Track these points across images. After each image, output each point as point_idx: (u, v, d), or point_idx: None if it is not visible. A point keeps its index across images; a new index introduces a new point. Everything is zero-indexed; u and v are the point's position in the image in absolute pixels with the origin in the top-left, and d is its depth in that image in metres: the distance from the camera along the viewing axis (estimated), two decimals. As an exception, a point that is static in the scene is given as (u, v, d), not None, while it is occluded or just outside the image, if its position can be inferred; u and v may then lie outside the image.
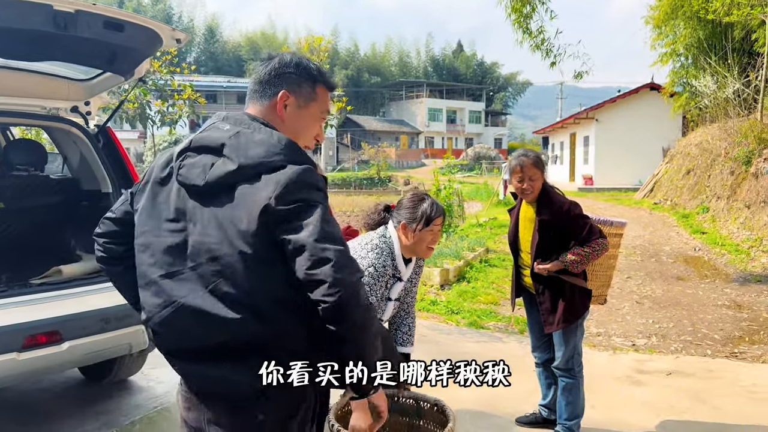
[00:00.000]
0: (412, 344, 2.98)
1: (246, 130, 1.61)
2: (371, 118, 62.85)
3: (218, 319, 1.55)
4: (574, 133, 28.82)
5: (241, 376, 1.58)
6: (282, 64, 1.70)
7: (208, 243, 1.57)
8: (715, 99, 15.75)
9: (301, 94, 1.70)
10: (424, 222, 2.64)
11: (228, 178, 1.55)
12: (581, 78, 10.51)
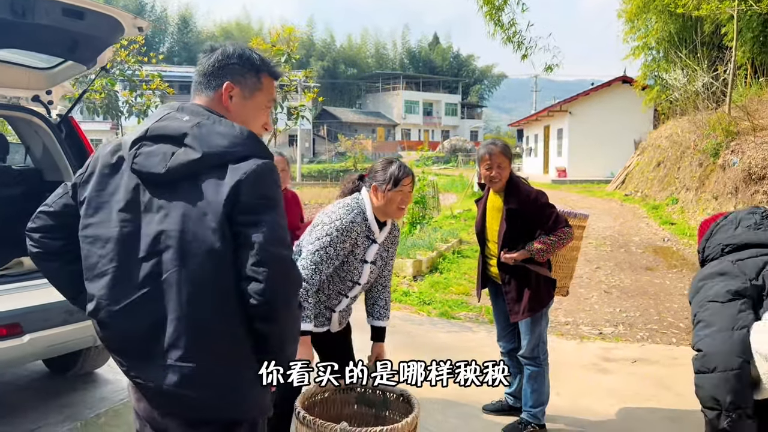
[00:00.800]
0: (388, 318, 3.03)
1: (206, 121, 1.61)
2: (348, 109, 62.65)
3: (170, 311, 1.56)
4: (548, 125, 29.07)
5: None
6: (225, 55, 1.70)
7: (167, 232, 1.55)
8: (685, 92, 15.98)
9: (246, 85, 1.71)
10: (393, 182, 2.72)
11: (191, 167, 1.54)
12: (551, 71, 10.62)
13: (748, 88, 14.45)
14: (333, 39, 68.79)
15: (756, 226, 1.81)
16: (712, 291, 1.67)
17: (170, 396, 1.58)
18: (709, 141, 12.57)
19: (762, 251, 1.73)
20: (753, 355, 1.50)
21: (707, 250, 1.88)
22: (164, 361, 1.56)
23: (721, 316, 1.59)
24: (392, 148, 55.47)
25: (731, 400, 1.50)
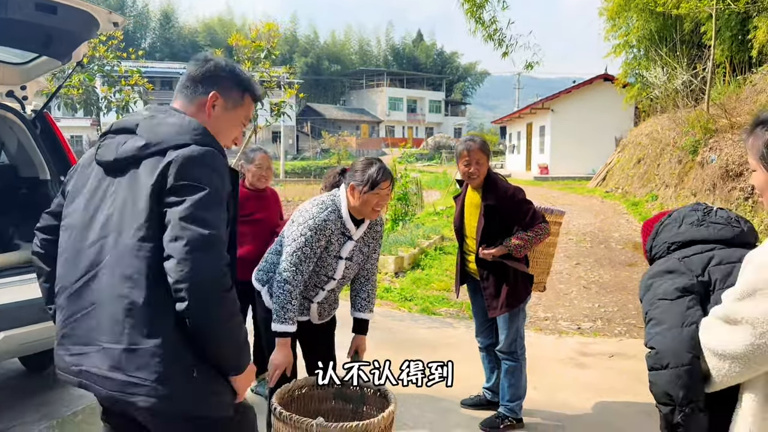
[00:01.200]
0: (371, 311, 3.04)
1: (160, 114, 1.72)
2: (331, 106, 62.54)
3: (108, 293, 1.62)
4: (531, 123, 29.23)
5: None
6: (218, 67, 1.81)
7: (110, 217, 1.64)
8: (665, 90, 16.14)
9: (230, 98, 1.81)
10: (370, 185, 2.69)
11: (135, 153, 1.63)
12: (532, 68, 10.67)
13: (727, 86, 14.63)
14: (316, 35, 68.62)
15: (699, 222, 1.84)
16: (661, 289, 1.70)
17: (106, 379, 1.62)
18: (688, 138, 12.73)
19: (706, 247, 1.76)
20: (702, 351, 1.53)
21: (654, 249, 1.91)
22: (99, 345, 1.62)
23: (670, 313, 1.62)
24: (376, 144, 55.45)
25: (684, 394, 1.53)
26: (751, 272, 1.40)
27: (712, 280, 1.68)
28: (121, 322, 1.59)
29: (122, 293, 1.59)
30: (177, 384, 1.61)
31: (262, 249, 3.36)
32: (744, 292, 1.40)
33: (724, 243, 1.79)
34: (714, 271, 1.70)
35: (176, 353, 1.61)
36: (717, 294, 1.64)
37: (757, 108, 11.01)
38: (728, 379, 1.48)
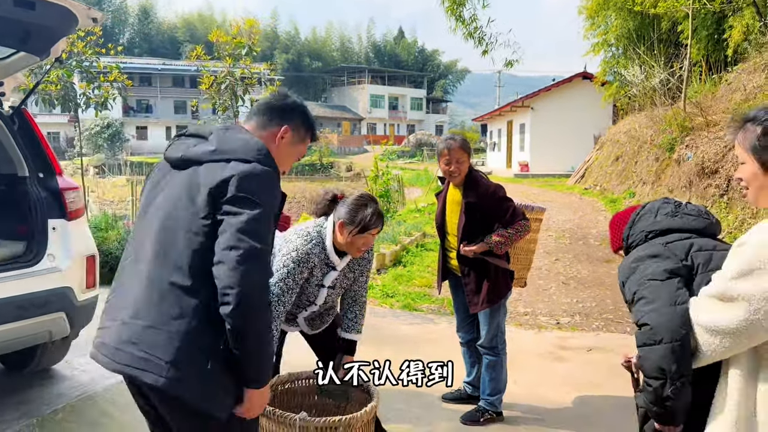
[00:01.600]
0: (359, 332, 3.00)
1: (233, 129, 1.90)
2: (313, 103, 62.28)
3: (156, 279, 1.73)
4: (511, 120, 29.43)
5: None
6: (295, 105, 2.06)
7: (163, 206, 1.80)
8: (642, 88, 16.35)
9: (298, 134, 2.04)
10: (360, 229, 2.65)
11: (203, 155, 1.79)
12: (511, 66, 10.75)
13: (703, 84, 14.86)
14: (297, 31, 68.30)
15: (672, 213, 1.96)
16: (649, 270, 1.78)
17: (118, 351, 1.71)
18: (665, 136, 12.92)
19: (684, 235, 1.88)
20: (693, 327, 1.62)
21: (631, 238, 2.01)
22: (121, 320, 1.74)
23: (662, 292, 1.71)
24: (358, 142, 55.42)
25: (676, 368, 1.61)
26: (749, 252, 1.49)
27: (695, 264, 1.79)
28: (151, 302, 1.70)
29: (161, 276, 1.70)
30: (189, 371, 1.67)
31: None
32: (741, 271, 1.49)
33: (697, 232, 1.91)
34: (696, 256, 1.81)
35: (196, 343, 1.68)
36: (700, 277, 1.75)
37: (732, 106, 11.20)
38: (717, 354, 1.56)
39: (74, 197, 3.86)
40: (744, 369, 1.53)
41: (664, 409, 1.67)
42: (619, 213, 2.24)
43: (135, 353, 1.67)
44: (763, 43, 11.02)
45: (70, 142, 39.86)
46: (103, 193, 19.79)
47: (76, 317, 3.75)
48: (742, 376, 1.53)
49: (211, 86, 6.69)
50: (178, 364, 1.65)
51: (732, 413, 1.52)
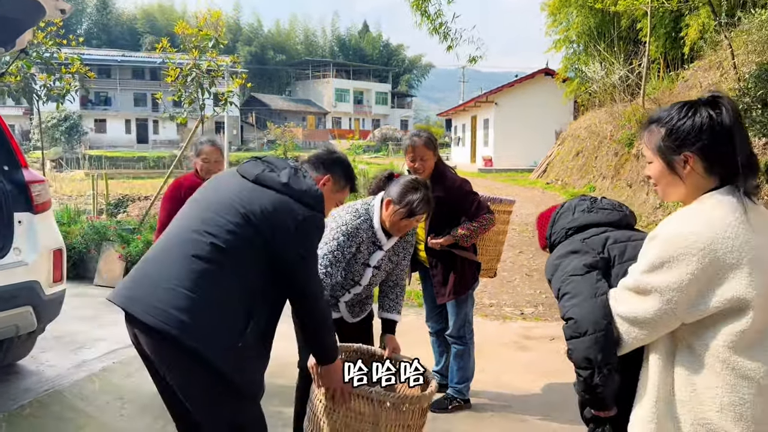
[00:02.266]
0: (399, 312, 3.06)
1: (303, 174, 2.18)
2: (277, 96, 61.77)
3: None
4: (475, 116, 29.71)
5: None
6: (339, 160, 2.47)
7: (231, 204, 2.05)
8: (603, 85, 16.70)
9: (338, 184, 2.42)
10: (407, 212, 2.72)
11: (274, 184, 2.08)
12: (475, 62, 10.86)
13: (661, 81, 15.25)
14: (260, 24, 67.55)
15: (588, 209, 2.08)
16: (570, 266, 1.89)
17: (154, 308, 1.90)
18: (625, 132, 13.24)
19: (600, 229, 2.00)
20: (614, 318, 1.72)
21: (553, 236, 2.13)
22: (165, 286, 1.93)
23: (582, 286, 1.81)
24: (323, 136, 55.20)
25: (602, 357, 1.70)
26: (658, 247, 1.58)
27: (612, 256, 1.90)
28: (194, 278, 1.93)
29: (202, 255, 1.95)
30: (221, 341, 1.93)
31: None
32: (653, 265, 1.58)
33: (613, 225, 2.04)
34: (612, 248, 1.92)
35: (231, 321, 1.95)
36: (617, 268, 1.87)
37: (688, 103, 11.55)
38: (637, 342, 1.67)
39: (40, 190, 3.82)
40: (662, 353, 1.63)
41: (595, 397, 1.77)
42: (543, 213, 2.38)
43: (179, 317, 1.88)
44: (717, 42, 11.38)
45: (25, 135, 38.69)
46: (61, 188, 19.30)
47: (43, 311, 3.72)
48: (661, 359, 1.63)
49: (177, 79, 6.62)
50: (197, 322, 1.90)
51: (652, 394, 1.62)
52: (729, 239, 1.50)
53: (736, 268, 1.49)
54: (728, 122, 1.58)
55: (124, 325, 2.08)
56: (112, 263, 7.25)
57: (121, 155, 40.19)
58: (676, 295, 1.54)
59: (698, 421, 1.55)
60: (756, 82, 6.78)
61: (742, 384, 1.51)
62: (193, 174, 4.00)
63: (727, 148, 1.58)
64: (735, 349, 1.51)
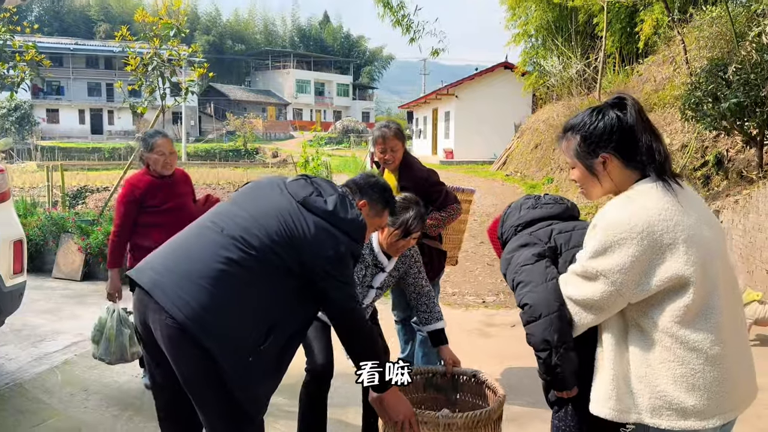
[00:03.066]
0: (439, 319, 3.03)
1: (350, 204, 2.16)
2: (236, 87, 60.94)
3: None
4: (437, 108, 29.88)
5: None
6: (375, 185, 2.44)
7: (270, 214, 2.05)
8: (560, 78, 17.01)
9: (374, 209, 2.41)
10: (403, 232, 2.77)
11: (318, 210, 2.06)
12: (438, 55, 10.95)
13: (616, 75, 15.62)
14: (218, 12, 66.38)
15: (533, 206, 2.24)
16: (521, 258, 2.03)
17: (179, 298, 1.89)
18: (582, 125, 13.52)
19: (546, 223, 2.16)
20: (565, 301, 1.84)
21: (504, 235, 2.28)
22: (198, 282, 1.91)
23: (534, 274, 1.94)
24: (284, 128, 54.73)
25: (558, 337, 1.82)
26: (600, 234, 1.70)
27: (558, 244, 2.05)
28: (219, 284, 1.90)
29: (233, 263, 1.93)
30: (232, 356, 1.89)
31: None
32: (596, 251, 1.70)
33: (557, 218, 2.19)
34: (558, 237, 2.07)
35: (245, 339, 1.92)
36: (565, 254, 2.01)
37: (644, 96, 11.88)
38: (589, 322, 1.79)
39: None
40: (615, 333, 1.75)
41: (555, 377, 1.89)
42: (491, 224, 2.50)
43: (202, 313, 1.86)
44: (671, 37, 11.72)
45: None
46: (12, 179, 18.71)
47: (3, 304, 3.66)
48: (614, 339, 1.75)
49: (137, 68, 6.51)
50: (211, 324, 1.88)
51: (610, 372, 1.73)
52: (664, 221, 1.63)
53: (673, 247, 1.62)
54: (632, 120, 1.73)
55: (84, 317, 2.08)
56: (72, 255, 7.11)
57: (75, 146, 39.14)
58: (621, 277, 1.65)
59: (655, 395, 1.66)
60: (707, 76, 7.01)
61: (692, 356, 1.63)
62: (145, 172, 3.80)
63: (637, 142, 1.73)
64: (681, 323, 1.63)
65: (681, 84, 9.12)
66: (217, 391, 1.92)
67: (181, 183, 3.94)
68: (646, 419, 1.68)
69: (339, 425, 3.45)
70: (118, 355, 3.57)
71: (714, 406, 1.64)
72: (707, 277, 1.63)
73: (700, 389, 1.63)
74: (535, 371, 4.32)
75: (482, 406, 2.67)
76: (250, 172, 30.18)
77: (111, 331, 3.54)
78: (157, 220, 3.65)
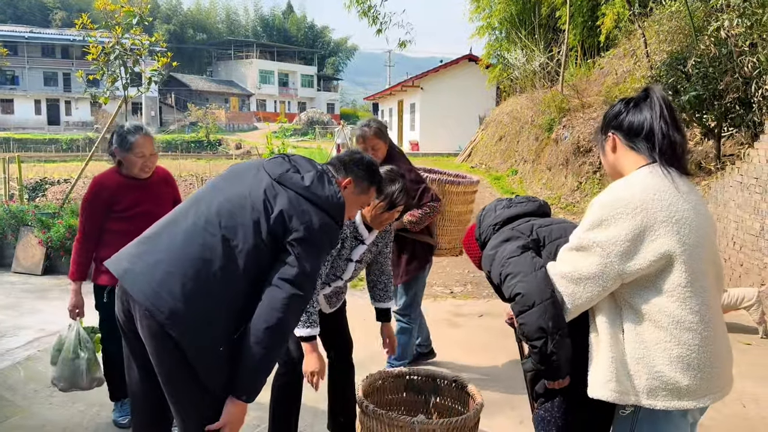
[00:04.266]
0: (390, 299, 3.12)
1: (331, 176, 2.14)
2: (198, 77, 59.90)
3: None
4: (402, 100, 29.94)
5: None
6: (360, 161, 2.35)
7: (245, 198, 2.00)
8: (524, 71, 17.22)
9: (359, 186, 2.33)
10: (388, 204, 2.78)
11: (293, 185, 2.02)
12: (405, 47, 10.98)
13: (578, 68, 15.88)
14: (179, 1, 65.02)
15: (507, 206, 2.31)
16: (506, 251, 2.05)
17: (147, 285, 1.88)
18: (544, 117, 13.74)
19: (525, 219, 2.23)
20: (557, 282, 1.88)
21: (483, 235, 2.30)
22: (164, 269, 1.89)
23: (522, 264, 1.96)
24: (248, 119, 54.08)
25: (553, 323, 1.84)
26: (597, 209, 1.77)
27: (541, 237, 2.11)
28: (189, 264, 1.88)
29: (206, 248, 1.90)
30: (196, 327, 1.86)
31: None
32: (593, 223, 1.77)
33: (533, 215, 2.26)
34: (540, 231, 2.13)
35: (218, 327, 1.89)
36: (548, 247, 2.07)
37: (605, 89, 12.11)
38: (582, 302, 1.82)
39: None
40: (608, 317, 1.81)
41: (550, 365, 1.90)
42: (466, 233, 2.50)
43: (170, 302, 1.84)
44: (631, 31, 11.95)
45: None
46: (-36, 171, 18.08)
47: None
48: (609, 322, 1.80)
49: (98, 57, 6.35)
50: (182, 314, 1.84)
51: (607, 356, 1.78)
52: (659, 200, 1.71)
53: (667, 225, 1.69)
54: (642, 106, 1.85)
55: (46, 312, 2.05)
56: (32, 249, 6.93)
57: (31, 137, 38.05)
58: (615, 249, 1.72)
59: (652, 376, 1.73)
60: (667, 69, 7.20)
61: (688, 336, 1.71)
62: (115, 171, 3.27)
63: (641, 126, 1.83)
64: (678, 302, 1.71)
65: (641, 77, 9.33)
66: (190, 384, 1.89)
67: (161, 184, 3.39)
68: (643, 401, 1.75)
69: (312, 413, 3.45)
70: (71, 381, 3.20)
71: (705, 387, 1.73)
72: (698, 260, 1.72)
73: (694, 369, 1.71)
74: (501, 358, 4.40)
75: (461, 411, 2.71)
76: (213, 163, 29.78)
77: (67, 354, 3.17)
78: (126, 228, 3.02)
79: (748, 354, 4.59)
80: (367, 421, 2.42)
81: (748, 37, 6.24)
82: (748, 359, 4.38)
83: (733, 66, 6.65)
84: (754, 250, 5.78)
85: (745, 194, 5.95)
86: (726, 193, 6.33)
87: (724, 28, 6.22)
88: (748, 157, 5.95)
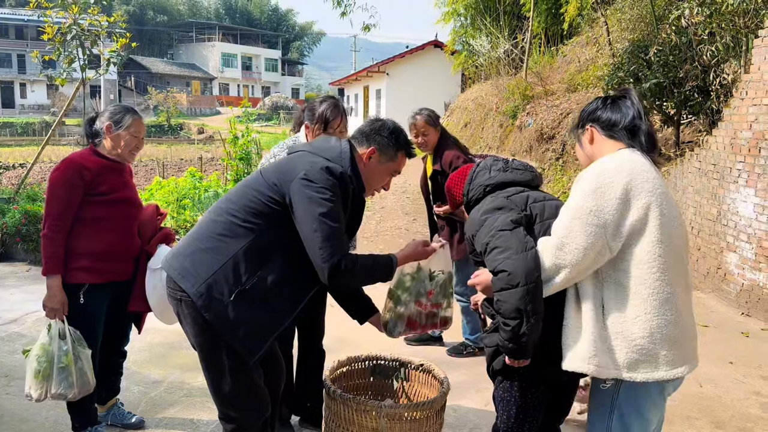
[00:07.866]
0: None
1: (329, 136, 2.39)
2: (158, 60, 58.58)
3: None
4: (368, 86, 29.81)
5: None
6: (382, 128, 2.33)
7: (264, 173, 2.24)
8: (489, 58, 17.31)
9: (385, 154, 2.31)
10: (323, 124, 2.87)
11: (300, 147, 2.29)
12: (369, 30, 10.92)
13: (542, 56, 16.02)
14: (139, -19, 63.28)
15: (503, 169, 2.25)
16: (498, 221, 1.99)
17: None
18: (509, 104, 13.84)
19: (519, 189, 2.18)
20: (546, 253, 1.88)
21: (471, 192, 2.26)
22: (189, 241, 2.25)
23: (513, 241, 1.91)
24: (210, 103, 53.20)
25: (532, 307, 1.83)
26: (588, 179, 1.85)
27: (533, 214, 2.07)
28: (203, 237, 2.18)
29: (219, 220, 2.17)
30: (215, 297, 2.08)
31: (131, 242, 2.95)
32: (585, 192, 1.84)
33: (527, 185, 2.21)
34: (533, 207, 2.09)
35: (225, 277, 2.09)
36: (538, 225, 2.04)
37: (568, 77, 12.26)
38: (574, 275, 1.85)
39: None
40: (590, 293, 1.86)
41: (519, 345, 1.88)
42: (456, 172, 2.48)
43: (182, 262, 2.16)
44: (594, 19, 12.10)
45: None
46: None
47: None
48: (591, 300, 1.85)
49: (54, 37, 6.14)
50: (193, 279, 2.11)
51: (588, 330, 1.82)
52: (644, 172, 1.83)
53: (651, 195, 1.80)
54: (614, 100, 2.01)
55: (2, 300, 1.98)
56: (-15, 236, 6.70)
57: (-17, 120, 36.69)
58: (608, 216, 1.79)
59: (631, 349, 1.80)
60: (629, 57, 7.31)
61: (666, 307, 1.79)
62: (91, 151, 2.93)
63: (615, 117, 1.97)
64: (656, 273, 1.78)
65: (604, 65, 9.45)
66: (208, 346, 2.15)
67: (128, 171, 3.09)
68: (623, 374, 1.81)
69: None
70: (82, 382, 2.83)
71: (681, 356, 1.81)
72: (674, 236, 1.83)
73: (670, 340, 1.79)
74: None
75: (427, 395, 2.71)
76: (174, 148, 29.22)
77: (68, 357, 2.76)
78: (106, 214, 2.85)
79: (704, 335, 4.73)
80: (334, 406, 2.41)
81: (708, 26, 6.37)
82: (703, 341, 4.52)
83: (692, 54, 6.79)
84: (711, 234, 5.95)
85: (703, 180, 6.11)
86: (685, 179, 6.49)
87: (685, 16, 6.33)
88: (707, 144, 6.10)
